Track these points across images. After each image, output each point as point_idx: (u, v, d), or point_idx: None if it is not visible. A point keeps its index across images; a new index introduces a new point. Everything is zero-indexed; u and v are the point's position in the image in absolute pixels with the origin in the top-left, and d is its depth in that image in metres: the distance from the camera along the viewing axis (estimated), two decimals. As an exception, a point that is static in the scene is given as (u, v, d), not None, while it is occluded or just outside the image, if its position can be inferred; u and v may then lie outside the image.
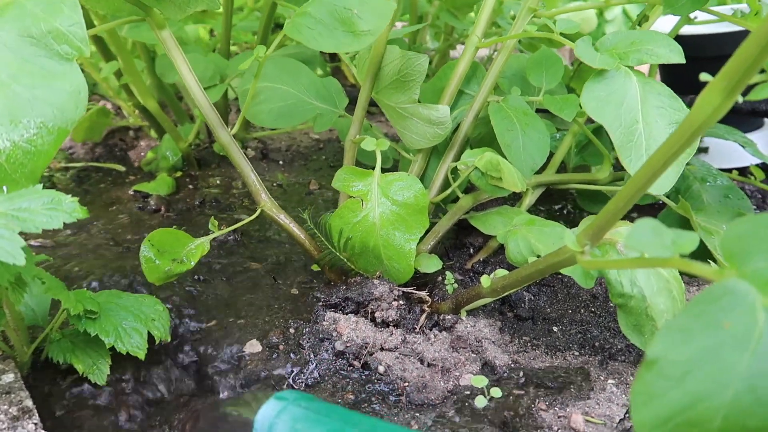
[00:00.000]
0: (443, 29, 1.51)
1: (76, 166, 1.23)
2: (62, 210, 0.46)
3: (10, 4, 0.51)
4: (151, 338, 0.62)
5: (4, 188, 0.48)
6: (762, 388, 0.23)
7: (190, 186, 1.13)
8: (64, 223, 0.46)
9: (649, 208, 1.06)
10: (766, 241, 0.27)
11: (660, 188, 0.60)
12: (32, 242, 0.91)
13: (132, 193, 1.10)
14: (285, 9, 1.12)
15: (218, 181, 1.15)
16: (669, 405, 0.24)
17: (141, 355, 0.60)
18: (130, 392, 0.62)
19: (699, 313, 0.25)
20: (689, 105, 1.08)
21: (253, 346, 0.68)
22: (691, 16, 0.87)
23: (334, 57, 1.64)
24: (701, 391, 0.24)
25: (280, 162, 1.24)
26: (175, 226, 0.96)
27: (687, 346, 0.24)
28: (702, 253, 0.75)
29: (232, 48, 1.29)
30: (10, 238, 0.42)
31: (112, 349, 0.59)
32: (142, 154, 1.28)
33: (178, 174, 1.17)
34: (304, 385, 0.63)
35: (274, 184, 1.14)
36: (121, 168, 1.22)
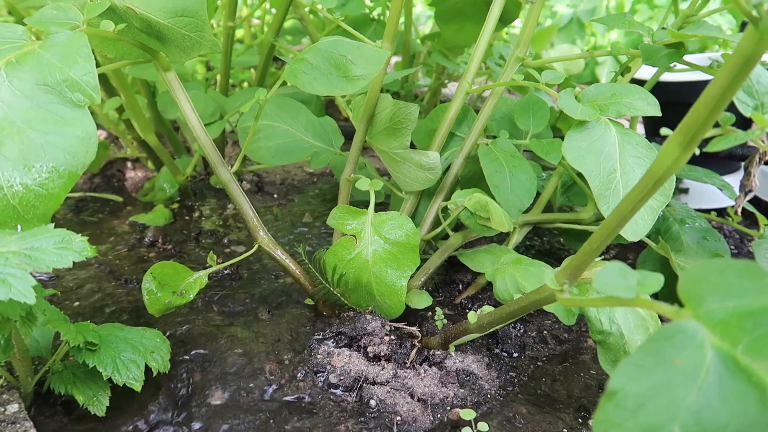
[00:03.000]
0: (435, 68, 1.56)
1: (74, 196, 1.25)
2: (72, 249, 0.48)
3: (28, 55, 0.54)
4: (149, 369, 0.64)
5: (18, 227, 0.51)
6: (708, 420, 0.26)
7: (187, 217, 1.16)
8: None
9: (634, 246, 1.10)
10: (718, 286, 0.30)
11: (634, 235, 0.62)
12: (34, 273, 0.93)
13: (129, 223, 1.12)
14: (283, 47, 1.17)
15: (214, 213, 1.17)
16: (626, 433, 0.27)
17: (137, 387, 0.61)
18: (127, 423, 0.63)
19: (653, 350, 0.28)
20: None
21: (249, 378, 0.70)
22: (672, 64, 0.92)
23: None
24: (654, 422, 0.26)
25: (275, 195, 1.27)
26: (172, 258, 0.99)
27: (642, 380, 0.27)
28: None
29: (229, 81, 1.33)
30: (22, 277, 0.44)
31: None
32: (139, 185, 1.31)
33: (175, 205, 1.20)
34: (297, 416, 0.65)
35: (269, 216, 1.16)
36: (119, 198, 1.24)
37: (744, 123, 0.99)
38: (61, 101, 0.53)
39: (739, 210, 0.77)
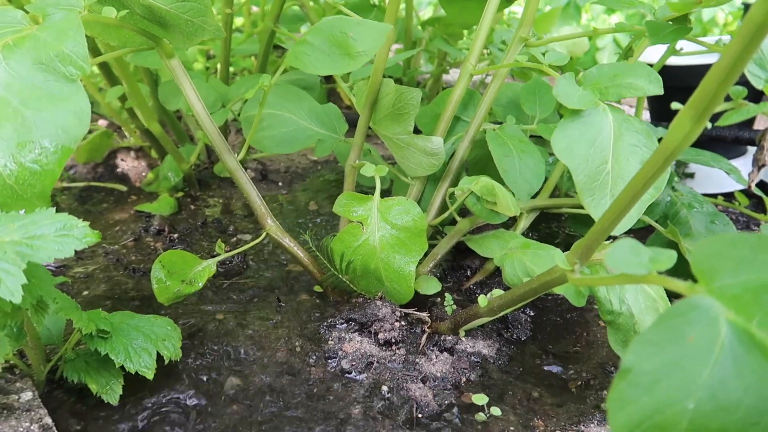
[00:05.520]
0: (437, 54, 1.55)
1: (78, 185, 1.25)
2: (73, 236, 0.47)
3: (26, 38, 0.54)
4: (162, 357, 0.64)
5: (21, 212, 0.51)
6: (723, 396, 0.26)
7: (192, 206, 1.16)
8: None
9: (643, 231, 1.09)
10: (732, 260, 0.30)
11: (620, 229, 0.59)
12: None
13: (134, 213, 1.13)
14: (283, 34, 1.16)
15: (219, 202, 1.17)
16: (640, 410, 0.27)
17: (149, 375, 0.62)
18: (141, 411, 0.64)
19: (667, 327, 0.28)
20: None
21: (260, 365, 0.70)
22: (677, 47, 0.91)
23: (329, 78, 1.68)
24: (668, 398, 0.26)
25: (279, 183, 1.27)
26: (178, 248, 0.99)
27: (655, 357, 0.27)
28: (689, 277, 0.78)
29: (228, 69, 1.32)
30: (14, 273, 0.43)
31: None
32: (143, 174, 1.31)
33: (180, 194, 1.20)
34: (311, 401, 0.65)
35: (274, 205, 1.17)
36: (123, 188, 1.24)
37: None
38: (55, 78, 0.53)
39: (754, 184, 0.76)
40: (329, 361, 0.70)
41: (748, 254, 0.29)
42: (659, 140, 0.65)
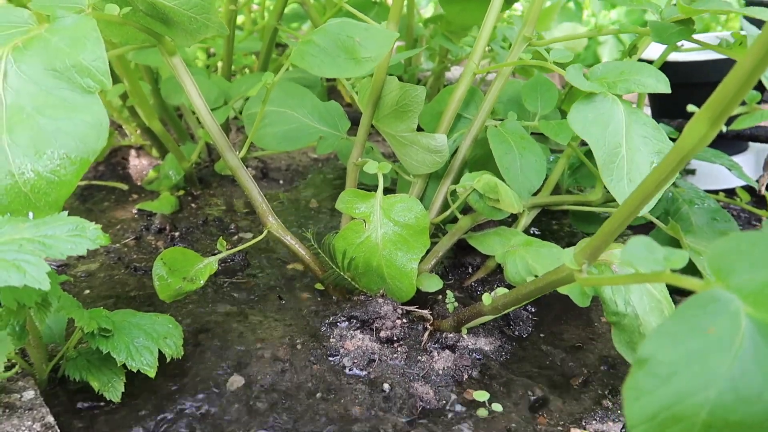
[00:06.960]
0: (438, 51, 1.55)
1: (80, 184, 1.24)
2: (86, 237, 0.47)
3: (35, 39, 0.54)
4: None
5: (30, 214, 0.50)
6: (744, 387, 0.26)
7: (193, 205, 1.15)
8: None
9: (642, 228, 1.09)
10: (749, 257, 0.29)
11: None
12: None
13: (136, 211, 1.12)
14: (286, 31, 1.16)
15: (220, 200, 1.17)
16: (658, 401, 0.27)
17: (151, 373, 0.61)
18: (143, 408, 0.64)
19: (686, 318, 0.28)
20: (677, 128, 1.11)
21: (262, 363, 0.70)
22: (678, 44, 0.91)
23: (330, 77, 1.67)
24: (687, 389, 0.26)
25: (281, 181, 1.27)
26: (180, 246, 0.99)
27: (674, 348, 0.27)
28: (692, 273, 0.78)
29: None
30: (36, 263, 0.44)
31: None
32: (144, 172, 1.30)
33: (181, 193, 1.20)
34: (312, 399, 0.65)
35: (275, 203, 1.16)
36: (124, 186, 1.24)
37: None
38: (70, 87, 0.52)
39: (763, 188, 0.76)
40: (331, 358, 0.70)
41: (765, 252, 0.29)
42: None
